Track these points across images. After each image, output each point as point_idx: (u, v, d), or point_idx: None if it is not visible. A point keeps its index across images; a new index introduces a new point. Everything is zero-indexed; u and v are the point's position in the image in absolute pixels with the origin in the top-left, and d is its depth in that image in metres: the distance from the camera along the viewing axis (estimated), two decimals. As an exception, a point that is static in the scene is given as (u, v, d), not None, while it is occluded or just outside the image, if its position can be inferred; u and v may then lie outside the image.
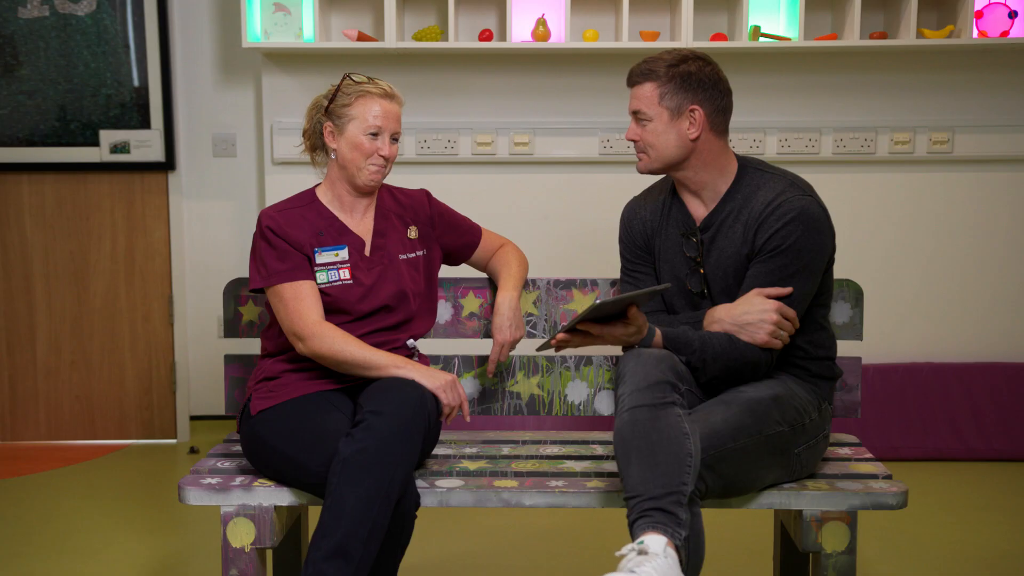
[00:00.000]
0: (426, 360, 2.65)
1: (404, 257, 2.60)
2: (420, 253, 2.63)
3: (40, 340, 4.38)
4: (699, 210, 2.50)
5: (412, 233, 2.64)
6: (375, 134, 2.50)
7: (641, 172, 2.51)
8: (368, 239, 2.58)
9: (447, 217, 2.69)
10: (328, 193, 2.58)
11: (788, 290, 2.37)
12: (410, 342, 2.58)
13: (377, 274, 2.54)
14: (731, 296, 2.44)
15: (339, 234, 2.55)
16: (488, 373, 2.64)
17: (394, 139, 2.54)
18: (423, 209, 2.66)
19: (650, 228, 2.57)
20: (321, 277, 2.51)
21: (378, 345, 2.48)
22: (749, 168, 2.48)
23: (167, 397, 4.41)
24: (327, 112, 2.54)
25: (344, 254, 2.54)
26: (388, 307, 2.54)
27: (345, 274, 2.53)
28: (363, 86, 2.53)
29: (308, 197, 2.59)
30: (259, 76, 4.24)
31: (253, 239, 2.54)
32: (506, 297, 2.64)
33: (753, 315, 2.36)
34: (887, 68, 4.08)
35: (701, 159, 2.45)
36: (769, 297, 2.37)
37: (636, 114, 2.46)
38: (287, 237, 2.49)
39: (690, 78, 2.42)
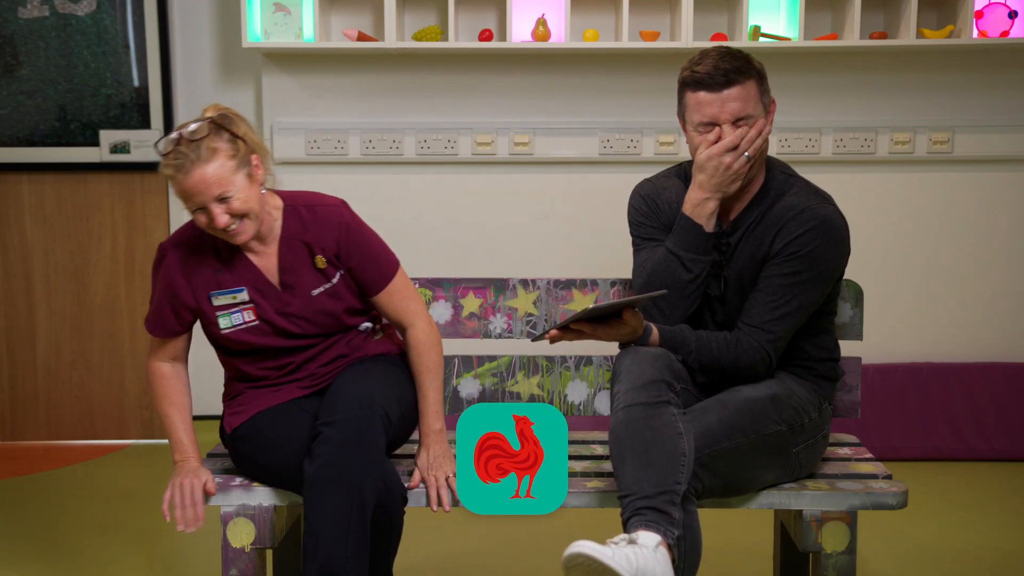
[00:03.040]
0: (391, 329, 2.55)
1: (317, 292, 2.39)
2: (335, 281, 2.40)
3: (40, 340, 4.38)
4: (723, 212, 2.44)
5: (319, 262, 2.39)
6: (200, 209, 2.25)
7: (730, 195, 2.38)
8: (275, 276, 2.38)
9: (361, 250, 2.41)
10: None
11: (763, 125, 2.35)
12: (364, 326, 2.49)
13: (290, 315, 2.38)
14: (744, 299, 2.42)
15: (240, 272, 2.36)
16: (433, 508, 2.38)
17: (222, 200, 2.23)
18: (330, 232, 2.39)
19: (676, 212, 2.48)
20: (224, 322, 2.35)
21: (325, 343, 2.41)
22: (775, 170, 2.45)
23: (167, 397, 4.41)
24: None
25: (243, 296, 2.35)
26: (314, 337, 2.41)
27: (249, 315, 2.36)
28: (161, 165, 2.25)
29: None
30: (259, 76, 4.24)
31: (153, 265, 2.39)
32: (431, 431, 2.43)
33: (706, 168, 2.34)
34: (887, 68, 4.08)
35: (760, 161, 2.42)
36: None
37: (743, 118, 2.33)
38: (176, 289, 2.34)
39: (764, 72, 2.38)
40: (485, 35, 3.97)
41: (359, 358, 2.47)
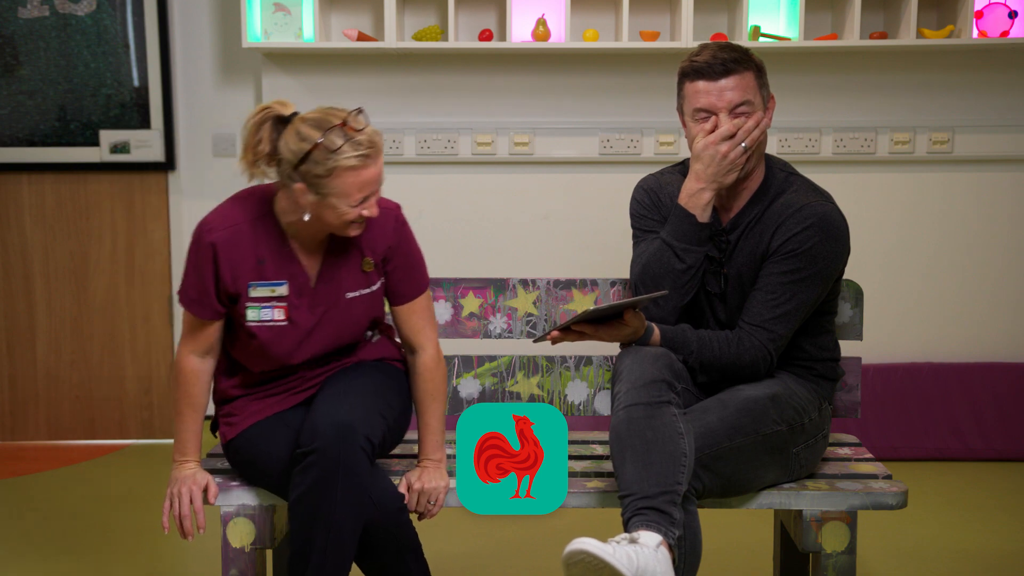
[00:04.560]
0: (391, 331, 2.52)
1: (353, 295, 2.33)
2: (375, 288, 2.36)
3: (40, 340, 4.38)
4: (723, 210, 2.46)
5: (367, 266, 2.34)
6: (362, 202, 2.19)
7: (725, 186, 2.39)
8: (315, 272, 2.31)
9: (406, 258, 2.37)
10: (290, 214, 2.26)
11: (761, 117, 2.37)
12: (368, 334, 2.45)
13: (319, 315, 2.31)
14: (745, 297, 2.43)
15: (283, 264, 2.28)
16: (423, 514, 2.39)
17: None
18: (384, 238, 2.33)
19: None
20: (252, 315, 2.28)
21: (325, 363, 2.40)
22: (775, 168, 2.46)
23: (167, 397, 4.40)
24: (297, 170, 2.16)
25: (283, 290, 2.28)
26: (325, 356, 2.37)
27: (280, 314, 2.28)
28: (339, 157, 2.13)
29: (263, 208, 2.29)
30: (259, 76, 4.24)
31: (191, 243, 2.28)
32: (429, 459, 2.39)
33: (703, 157, 2.35)
34: (887, 68, 4.08)
35: (759, 156, 2.43)
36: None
37: (740, 105, 2.34)
38: (219, 271, 2.25)
39: (763, 67, 2.39)
40: (485, 35, 3.97)
41: (351, 363, 2.42)
